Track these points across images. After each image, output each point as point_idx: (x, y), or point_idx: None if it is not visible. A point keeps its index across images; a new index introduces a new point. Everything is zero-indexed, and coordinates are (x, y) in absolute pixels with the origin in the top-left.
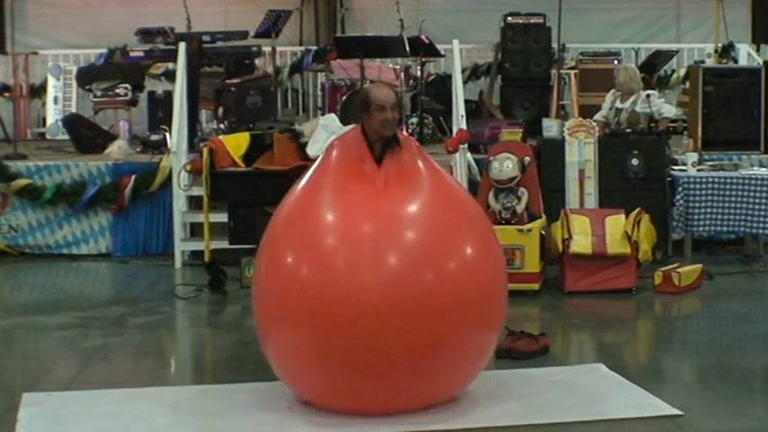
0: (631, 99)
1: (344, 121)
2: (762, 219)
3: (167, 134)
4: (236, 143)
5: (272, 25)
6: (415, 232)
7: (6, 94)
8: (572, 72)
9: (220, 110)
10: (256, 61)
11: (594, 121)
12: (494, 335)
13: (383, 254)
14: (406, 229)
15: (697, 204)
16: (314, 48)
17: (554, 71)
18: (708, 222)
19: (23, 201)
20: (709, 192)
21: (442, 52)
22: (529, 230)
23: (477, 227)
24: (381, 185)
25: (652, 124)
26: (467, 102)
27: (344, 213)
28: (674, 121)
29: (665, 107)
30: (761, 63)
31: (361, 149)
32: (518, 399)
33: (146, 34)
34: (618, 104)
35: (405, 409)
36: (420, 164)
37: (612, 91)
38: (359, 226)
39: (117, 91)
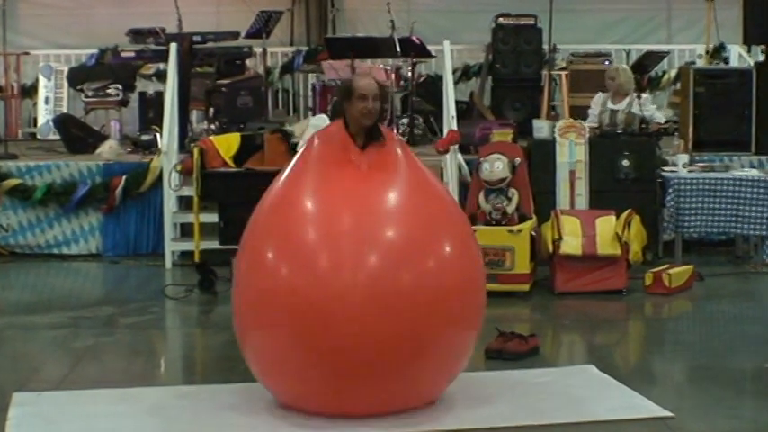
0: (626, 100)
1: None
2: (752, 220)
3: (158, 134)
4: (227, 143)
5: (263, 26)
6: (395, 229)
7: None
8: (563, 73)
9: (211, 110)
10: (247, 62)
11: (589, 128)
12: (473, 334)
13: (363, 252)
14: (386, 226)
15: (688, 205)
16: (305, 48)
17: (545, 72)
18: (698, 223)
19: (14, 200)
20: (700, 193)
21: (433, 53)
22: (519, 231)
23: (456, 223)
24: (365, 170)
25: (643, 125)
26: (457, 103)
27: (326, 204)
28: (665, 122)
29: (657, 114)
30: (752, 64)
31: (344, 139)
32: (508, 400)
33: (137, 35)
34: (611, 106)
35: (387, 410)
36: (401, 157)
37: (600, 93)
38: (340, 220)
39: (108, 91)
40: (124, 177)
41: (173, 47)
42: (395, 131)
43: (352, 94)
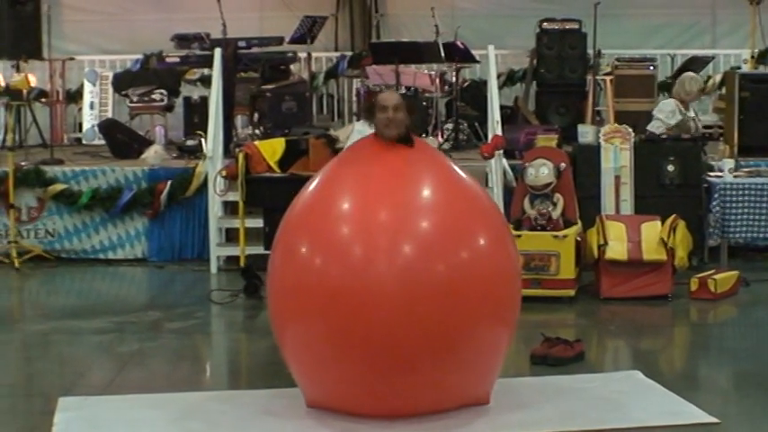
0: (692, 107)
1: None
2: None
3: (203, 139)
4: (272, 148)
5: (308, 31)
6: (428, 220)
7: (43, 100)
8: (607, 78)
9: (256, 115)
10: (292, 67)
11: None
12: (507, 330)
13: (397, 243)
14: (419, 218)
15: (733, 211)
16: (349, 53)
17: (589, 77)
18: (744, 229)
19: (60, 206)
20: (746, 198)
21: (478, 58)
22: (564, 236)
23: (490, 218)
24: (397, 166)
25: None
26: (502, 107)
27: (358, 198)
28: (709, 126)
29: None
30: None
31: (375, 144)
32: (553, 405)
33: (181, 40)
34: (685, 114)
35: (421, 405)
36: (432, 156)
37: (671, 100)
38: (373, 213)
39: (153, 96)
40: (169, 182)
41: (217, 52)
42: (439, 137)
43: (375, 106)
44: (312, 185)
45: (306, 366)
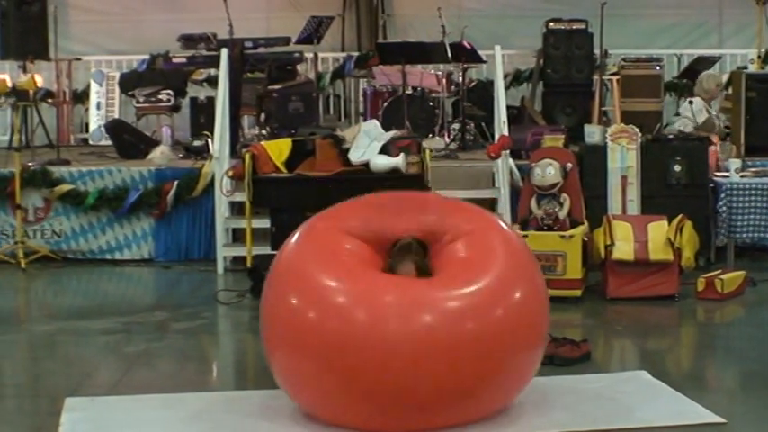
0: (712, 104)
1: (386, 127)
2: None
3: (209, 140)
4: (278, 149)
5: (314, 31)
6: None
7: (50, 100)
8: (614, 78)
9: (262, 116)
10: (298, 67)
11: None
12: (534, 365)
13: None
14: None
15: (740, 210)
16: (356, 54)
17: (596, 77)
18: (751, 228)
19: (66, 206)
20: (753, 198)
21: (484, 58)
22: (571, 237)
23: (525, 267)
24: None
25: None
26: (509, 108)
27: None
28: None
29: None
30: None
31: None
32: (560, 406)
33: (188, 40)
34: (710, 112)
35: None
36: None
37: (699, 99)
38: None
39: (159, 97)
40: (176, 183)
41: (224, 52)
42: (446, 138)
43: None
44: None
45: (298, 391)
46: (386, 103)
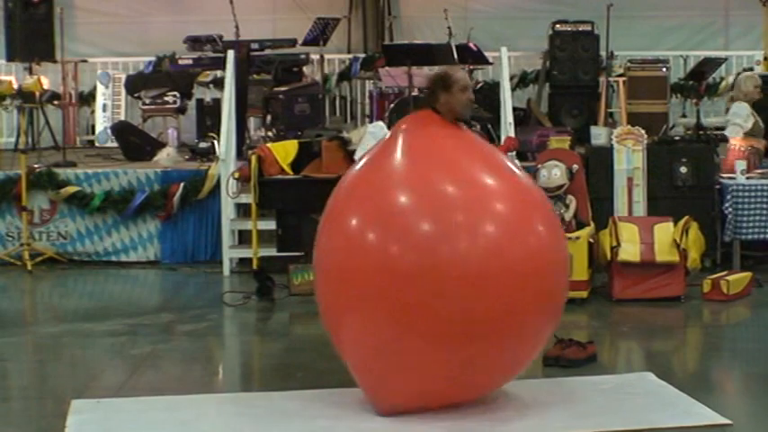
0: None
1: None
2: None
3: (216, 142)
4: (285, 151)
5: (321, 33)
6: (503, 203)
7: (56, 102)
8: (620, 79)
9: (268, 117)
10: (304, 69)
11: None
12: (553, 325)
13: (479, 221)
14: (496, 199)
15: (746, 212)
16: (362, 55)
17: (602, 79)
18: (757, 230)
19: (72, 208)
20: (759, 199)
21: (490, 60)
22: (577, 238)
23: (548, 210)
24: (468, 141)
25: (700, 132)
26: (515, 109)
27: (427, 173)
28: (722, 128)
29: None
30: None
31: (440, 121)
32: (567, 407)
33: (194, 42)
34: (755, 114)
35: (468, 391)
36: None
37: (744, 104)
38: (445, 188)
39: (165, 98)
40: (182, 185)
41: (230, 54)
42: None
43: (453, 85)
44: (364, 162)
45: (364, 352)
46: (392, 105)
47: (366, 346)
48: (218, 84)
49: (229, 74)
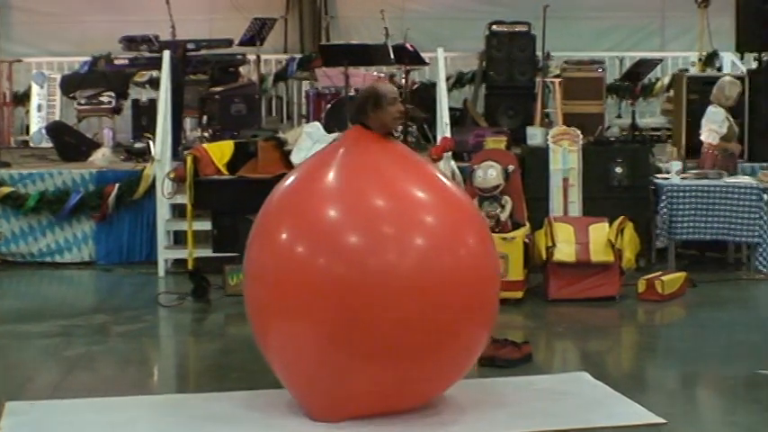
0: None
1: (329, 129)
2: (745, 227)
3: (151, 142)
4: (220, 151)
5: (257, 33)
6: (432, 215)
7: None
8: (556, 80)
9: (204, 118)
10: (241, 69)
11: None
12: (487, 332)
13: (408, 232)
14: (425, 211)
15: (681, 212)
16: (298, 56)
17: (538, 79)
18: (691, 230)
19: (6, 209)
20: (693, 200)
21: (427, 60)
22: (512, 238)
23: (479, 221)
24: (401, 155)
25: (636, 132)
26: (451, 110)
27: (357, 186)
28: (657, 129)
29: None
30: (744, 71)
31: (373, 137)
32: (502, 407)
33: (130, 42)
34: (730, 119)
35: (419, 401)
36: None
37: (720, 109)
38: (374, 202)
39: (101, 99)
40: (117, 185)
41: (166, 54)
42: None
43: (382, 100)
44: (296, 176)
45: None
46: (328, 105)
47: (293, 357)
48: (154, 84)
49: (165, 74)
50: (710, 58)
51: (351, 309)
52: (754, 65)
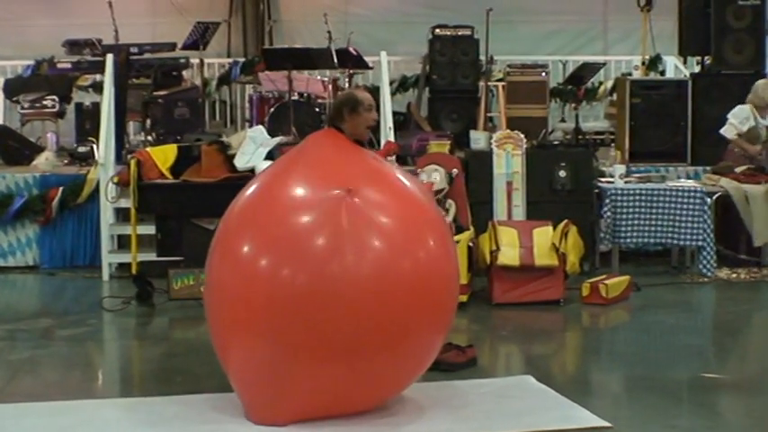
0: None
1: (272, 133)
2: (688, 230)
3: (95, 146)
4: (164, 155)
5: (200, 37)
6: (393, 219)
7: None
8: (500, 84)
9: (148, 122)
10: (184, 73)
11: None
12: (443, 337)
13: (367, 238)
14: (386, 216)
15: (624, 216)
16: (242, 60)
17: (482, 83)
18: (635, 234)
19: None
20: (637, 203)
21: (370, 64)
22: (456, 242)
23: (440, 224)
24: (366, 159)
25: (579, 136)
26: (395, 114)
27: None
28: (601, 132)
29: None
30: (687, 75)
31: (344, 140)
32: (446, 411)
33: (73, 45)
34: (761, 121)
35: (356, 404)
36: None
37: (747, 106)
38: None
39: (44, 102)
40: (61, 189)
41: (109, 58)
42: None
43: (359, 105)
44: (260, 181)
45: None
46: (272, 109)
47: (253, 367)
48: (98, 88)
49: (108, 78)
50: (653, 62)
51: (310, 315)
52: (696, 68)
